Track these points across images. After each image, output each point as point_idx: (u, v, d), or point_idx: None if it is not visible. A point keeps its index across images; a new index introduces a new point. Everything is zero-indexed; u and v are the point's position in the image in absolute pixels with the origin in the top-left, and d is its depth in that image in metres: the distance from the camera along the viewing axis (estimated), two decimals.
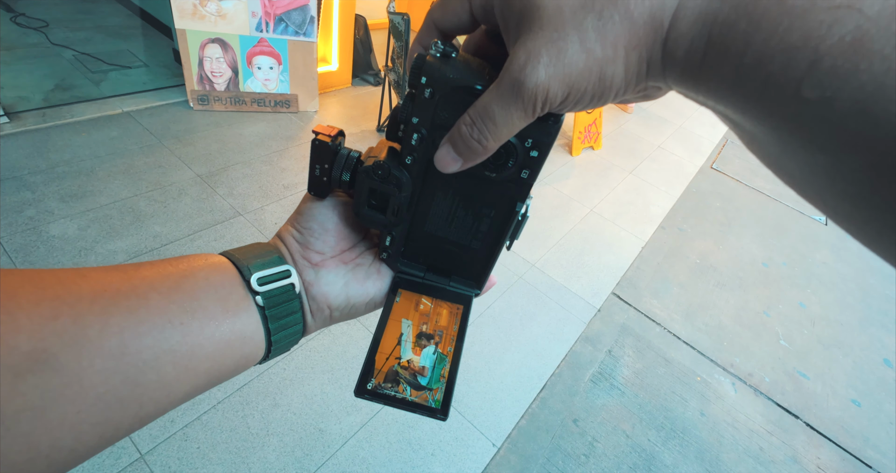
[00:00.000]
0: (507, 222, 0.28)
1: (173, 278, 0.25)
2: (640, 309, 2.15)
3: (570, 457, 1.51)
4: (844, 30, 0.13)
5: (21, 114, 2.23)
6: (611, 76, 0.19)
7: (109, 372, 0.20)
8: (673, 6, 0.17)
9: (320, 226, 0.31)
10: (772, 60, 0.15)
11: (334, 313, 0.31)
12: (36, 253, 1.64)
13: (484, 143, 0.22)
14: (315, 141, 0.28)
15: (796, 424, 1.83)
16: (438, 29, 0.24)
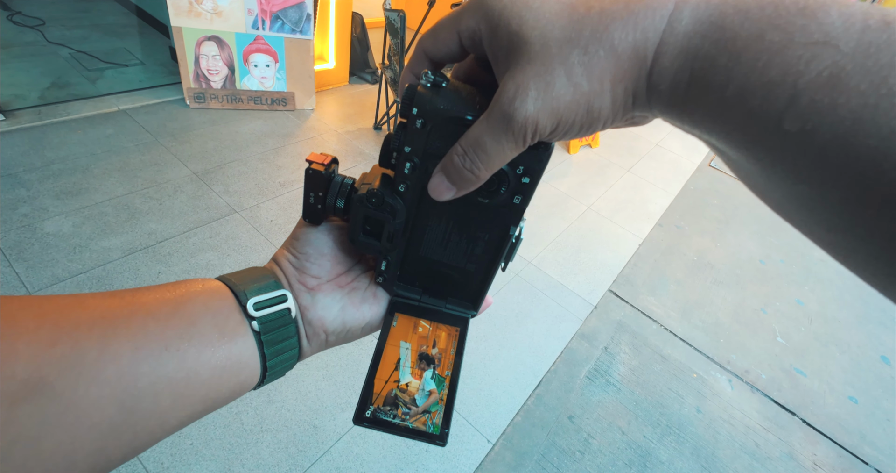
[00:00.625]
0: (502, 246, 0.29)
1: (171, 304, 0.25)
2: (637, 306, 2.15)
3: (566, 453, 1.50)
4: (822, 65, 0.14)
5: (17, 112, 2.23)
6: (598, 108, 0.19)
7: (106, 400, 0.20)
8: (655, 41, 0.17)
9: (316, 251, 0.31)
10: (753, 93, 0.15)
11: (330, 337, 0.31)
12: (30, 250, 1.64)
13: (476, 172, 0.22)
14: (309, 170, 0.28)
15: (793, 421, 1.83)
16: (429, 58, 0.24)
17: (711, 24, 0.16)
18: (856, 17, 0.14)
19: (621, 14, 0.18)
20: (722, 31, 0.16)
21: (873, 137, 0.13)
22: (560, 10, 0.19)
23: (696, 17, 0.17)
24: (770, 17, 0.15)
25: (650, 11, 0.17)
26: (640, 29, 0.17)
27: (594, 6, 0.18)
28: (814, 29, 0.14)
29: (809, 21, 0.14)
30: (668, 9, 0.17)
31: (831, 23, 0.14)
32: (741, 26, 0.16)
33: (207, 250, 1.82)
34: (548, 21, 0.19)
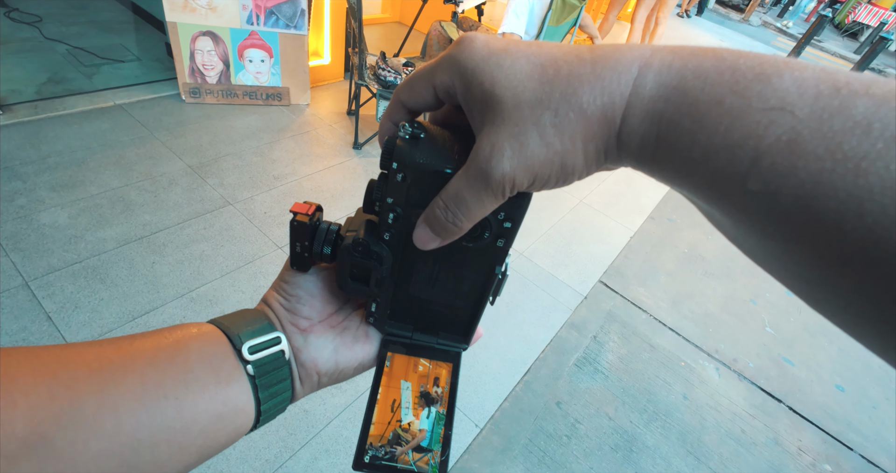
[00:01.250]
0: (488, 283, 0.29)
1: (167, 351, 0.25)
2: (627, 297, 2.17)
3: (553, 438, 1.53)
4: (780, 131, 0.15)
5: (14, 106, 2.25)
6: (571, 165, 0.20)
7: (104, 454, 0.20)
8: (622, 105, 0.18)
9: (306, 292, 0.32)
10: (717, 155, 0.16)
11: (322, 378, 0.31)
12: (26, 240, 1.67)
13: (459, 224, 0.23)
14: (293, 222, 0.29)
15: (779, 408, 1.85)
16: (406, 108, 0.25)
17: (674, 88, 0.17)
18: (808, 83, 0.15)
19: (589, 78, 0.18)
20: (684, 96, 0.17)
21: (832, 200, 0.14)
22: (530, 71, 0.19)
23: (659, 82, 0.17)
24: (728, 83, 0.16)
25: (616, 75, 0.18)
26: (608, 93, 0.18)
27: (562, 68, 0.19)
28: (769, 95, 0.15)
29: (765, 87, 0.15)
30: (632, 73, 0.18)
31: (786, 89, 0.15)
32: (702, 91, 0.16)
33: (201, 241, 1.84)
34: (519, 82, 0.19)
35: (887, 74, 9.39)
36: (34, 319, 1.44)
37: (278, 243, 1.93)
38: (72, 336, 1.42)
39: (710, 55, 0.17)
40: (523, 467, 1.43)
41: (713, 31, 8.53)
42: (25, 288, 1.52)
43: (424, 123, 0.25)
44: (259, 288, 1.73)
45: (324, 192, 2.28)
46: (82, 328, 1.46)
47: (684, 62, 0.17)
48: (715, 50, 0.17)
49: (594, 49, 0.19)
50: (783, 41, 9.99)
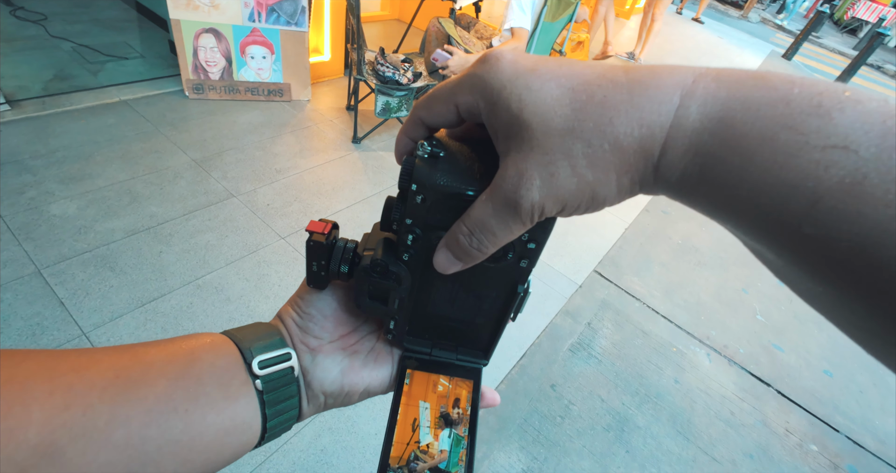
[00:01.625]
0: (510, 301, 0.29)
1: (180, 362, 0.25)
2: (621, 286, 2.23)
3: (547, 418, 1.59)
4: (842, 172, 0.13)
5: (21, 102, 2.31)
6: (603, 196, 0.19)
7: (112, 466, 0.20)
8: (662, 137, 0.17)
9: (320, 312, 0.31)
10: (768, 195, 0.15)
11: (328, 400, 0.31)
12: (38, 231, 1.72)
13: (483, 250, 0.23)
14: (310, 242, 0.28)
15: (768, 392, 1.91)
16: (425, 124, 0.24)
17: (720, 121, 0.16)
18: (874, 119, 0.13)
19: (625, 107, 0.17)
20: (731, 130, 0.15)
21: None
22: (561, 96, 0.18)
23: (703, 113, 0.16)
24: (782, 117, 0.15)
25: (655, 105, 0.17)
26: (646, 124, 0.17)
27: (596, 94, 0.18)
28: (830, 131, 0.14)
29: (824, 122, 0.14)
30: (673, 103, 0.17)
31: (848, 125, 0.14)
32: (751, 125, 0.15)
33: (206, 232, 1.90)
34: (549, 107, 0.18)
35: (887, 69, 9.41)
36: (47, 304, 1.50)
37: (281, 234, 1.98)
38: (84, 321, 1.48)
39: (759, 84, 0.16)
40: (518, 445, 1.49)
41: (712, 27, 8.56)
42: (38, 276, 1.58)
43: (443, 139, 0.24)
44: (263, 276, 1.78)
45: (325, 185, 2.33)
46: (93, 313, 1.51)
47: (731, 92, 0.16)
48: (764, 77, 0.16)
49: (629, 72, 0.18)
50: (782, 37, 10.02)
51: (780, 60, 7.81)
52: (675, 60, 5.83)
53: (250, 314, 1.64)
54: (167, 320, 1.56)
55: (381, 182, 2.46)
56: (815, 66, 8.17)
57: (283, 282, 1.79)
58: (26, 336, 1.41)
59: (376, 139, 2.79)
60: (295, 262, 1.88)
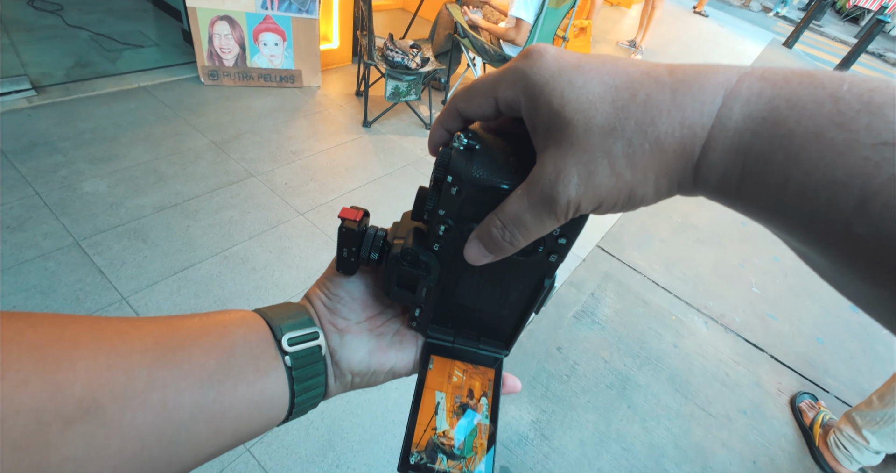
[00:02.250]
0: (536, 295, 0.29)
1: (214, 334, 0.26)
2: (623, 260, 2.33)
3: (553, 377, 1.70)
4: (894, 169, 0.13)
5: (46, 88, 2.40)
6: (641, 196, 0.19)
7: (148, 428, 0.21)
8: (703, 137, 0.17)
9: (348, 294, 0.32)
10: (816, 194, 0.14)
11: (355, 379, 0.32)
12: (73, 206, 1.83)
13: (515, 244, 0.23)
14: (342, 228, 0.29)
15: (762, 356, 2.02)
16: (462, 116, 0.24)
17: (764, 120, 0.16)
18: None
19: (668, 107, 0.17)
20: (776, 128, 0.15)
21: None
22: (603, 94, 0.18)
23: (746, 113, 0.16)
24: (830, 114, 0.14)
25: (698, 105, 0.17)
26: (688, 125, 0.17)
27: (639, 92, 0.18)
28: (881, 128, 0.14)
29: (875, 119, 0.14)
30: (716, 103, 0.17)
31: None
32: (797, 123, 0.15)
33: (229, 208, 2.01)
34: (591, 104, 0.18)
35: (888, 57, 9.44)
36: (88, 272, 1.61)
37: (300, 211, 2.09)
38: (122, 287, 1.59)
39: (806, 81, 0.16)
40: (528, 400, 1.60)
41: (715, 16, 8.58)
42: (77, 247, 1.69)
43: (480, 131, 0.24)
44: (285, 249, 1.89)
45: (338, 166, 2.43)
46: (130, 280, 1.62)
47: (776, 90, 0.16)
48: (812, 74, 0.16)
49: (674, 71, 0.18)
50: (784, 26, 10.03)
51: (781, 48, 7.85)
52: (677, 48, 5.88)
53: (275, 283, 1.75)
54: (199, 287, 1.67)
55: (391, 164, 2.56)
56: (816, 54, 8.21)
57: (304, 254, 1.89)
58: (71, 300, 1.52)
59: (386, 123, 2.88)
60: (314, 236, 1.98)
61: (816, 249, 0.16)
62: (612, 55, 0.20)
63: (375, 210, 2.22)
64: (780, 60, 6.88)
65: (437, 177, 0.24)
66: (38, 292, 1.51)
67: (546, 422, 1.55)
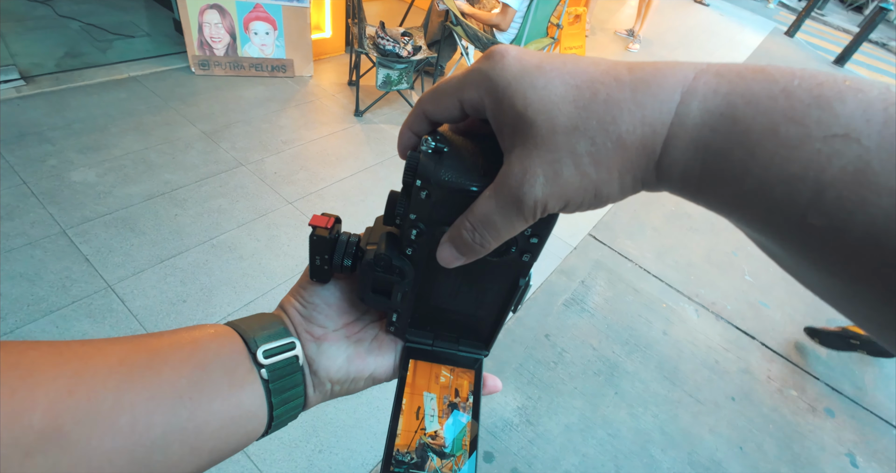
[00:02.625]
0: (511, 294, 0.29)
1: (185, 351, 0.25)
2: (615, 248, 2.33)
3: (541, 364, 1.70)
4: (845, 160, 0.13)
5: (36, 78, 2.40)
6: (606, 193, 0.19)
7: (118, 452, 0.21)
8: (664, 134, 0.17)
9: (323, 301, 0.32)
10: (772, 188, 0.15)
11: (335, 387, 0.31)
12: (61, 195, 1.83)
13: (486, 245, 0.23)
14: (313, 236, 0.29)
15: (752, 344, 2.02)
16: (429, 119, 0.24)
17: (721, 115, 0.16)
18: (875, 107, 0.14)
19: (628, 105, 0.18)
20: (733, 124, 0.16)
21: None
22: (565, 94, 0.19)
23: (704, 109, 0.16)
24: (783, 110, 0.15)
25: (657, 103, 0.17)
26: (648, 123, 0.17)
27: (600, 92, 0.18)
28: (831, 121, 0.14)
29: (825, 113, 0.14)
30: (675, 101, 0.17)
31: (849, 114, 0.14)
32: (753, 119, 0.15)
33: (218, 197, 2.00)
34: (553, 105, 0.19)
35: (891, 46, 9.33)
36: (74, 260, 1.61)
37: (289, 199, 2.08)
38: (108, 275, 1.59)
39: (759, 77, 0.16)
40: (514, 386, 1.60)
41: (715, 5, 8.49)
42: (64, 235, 1.69)
43: (447, 133, 0.24)
44: (273, 237, 1.89)
45: (329, 155, 2.42)
46: (117, 268, 1.62)
47: (732, 86, 0.16)
48: (765, 70, 0.16)
49: (633, 69, 0.19)
50: (785, 15, 9.92)
51: (783, 37, 7.77)
52: (675, 38, 5.83)
53: (262, 270, 1.75)
54: (185, 275, 1.67)
55: (383, 152, 2.54)
56: (818, 43, 8.12)
57: (293, 242, 1.89)
58: (57, 288, 1.52)
59: (378, 112, 2.87)
60: (303, 225, 1.98)
61: (775, 240, 0.16)
62: (573, 55, 0.21)
63: (367, 198, 2.22)
64: (781, 50, 6.81)
65: (406, 181, 0.24)
66: (24, 279, 1.51)
67: (532, 408, 1.56)
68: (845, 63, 6.82)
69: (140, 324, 1.49)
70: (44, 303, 1.47)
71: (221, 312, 1.58)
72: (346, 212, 2.11)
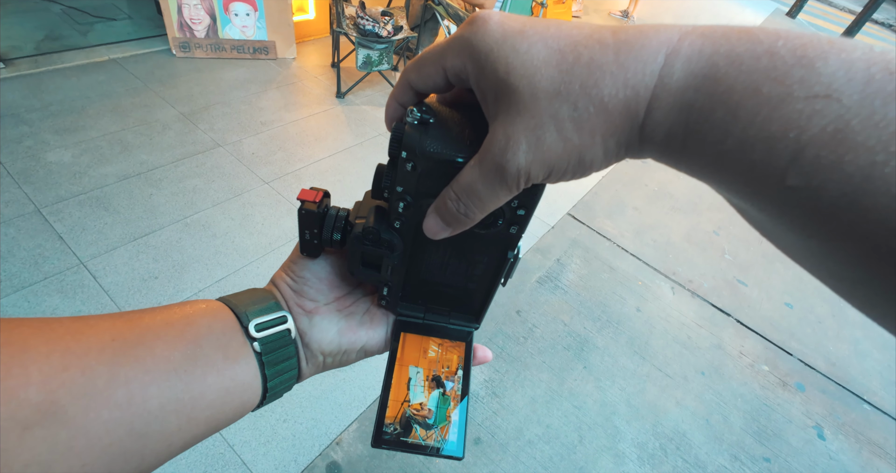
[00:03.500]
0: (501, 267, 0.30)
1: (177, 326, 0.26)
2: (593, 227, 2.33)
3: (510, 338, 1.72)
4: (825, 121, 0.13)
5: (15, 60, 2.40)
6: (590, 160, 0.19)
7: (115, 423, 0.21)
8: (647, 96, 0.17)
9: (314, 275, 0.32)
10: (753, 148, 0.15)
11: (327, 359, 0.32)
12: (36, 175, 1.84)
13: (471, 216, 0.23)
14: (301, 210, 0.29)
15: (727, 320, 2.02)
16: (414, 89, 0.24)
17: (704, 77, 0.16)
18: (857, 67, 0.14)
19: (611, 68, 0.17)
20: (716, 85, 0.16)
21: (884, 196, 0.13)
22: (548, 57, 0.18)
23: (688, 70, 0.16)
24: (766, 69, 0.15)
25: (640, 65, 0.17)
26: (631, 85, 0.17)
27: (583, 55, 0.18)
28: (813, 81, 0.14)
29: (808, 72, 0.14)
30: (658, 62, 0.17)
31: (831, 74, 0.14)
32: (735, 79, 0.15)
33: (194, 177, 2.01)
34: (536, 69, 0.18)
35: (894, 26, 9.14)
36: (47, 238, 1.63)
37: (265, 180, 2.09)
38: (81, 252, 1.61)
39: (744, 37, 0.16)
40: None
41: None
42: (38, 214, 1.71)
43: (433, 104, 0.24)
44: (247, 216, 1.90)
45: (308, 136, 2.42)
46: (90, 246, 1.64)
47: (716, 47, 0.16)
48: (750, 31, 0.16)
49: (617, 32, 0.18)
50: None
51: (784, 18, 7.63)
52: (672, 19, 5.73)
53: (235, 248, 1.77)
54: (158, 252, 1.68)
55: (363, 134, 2.54)
56: (820, 24, 7.97)
57: (267, 221, 1.90)
58: (29, 265, 1.54)
59: (360, 94, 2.85)
60: (278, 204, 1.99)
61: (755, 203, 0.16)
62: (556, 19, 0.20)
63: (343, 179, 2.22)
64: None
65: (392, 153, 0.24)
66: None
67: (498, 381, 1.58)
68: None
69: (111, 299, 1.51)
70: (15, 279, 1.49)
71: (192, 288, 1.60)
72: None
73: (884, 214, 0.13)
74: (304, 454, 1.29)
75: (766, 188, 0.15)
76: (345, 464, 1.29)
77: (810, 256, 0.17)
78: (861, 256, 0.14)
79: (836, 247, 0.14)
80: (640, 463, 1.46)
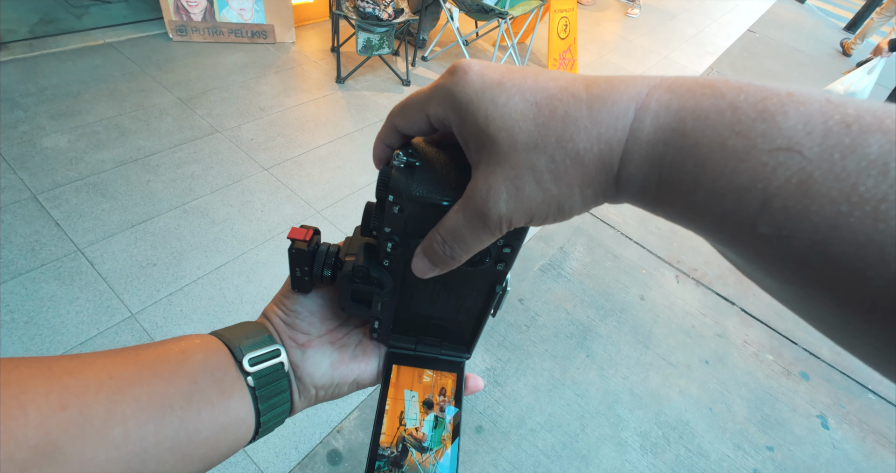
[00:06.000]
0: (490, 300, 0.30)
1: (173, 362, 0.26)
2: (596, 215, 2.30)
3: (513, 327, 1.70)
4: (789, 172, 0.14)
5: (9, 44, 2.35)
6: (569, 207, 0.20)
7: (112, 463, 0.21)
8: (620, 150, 0.18)
9: (306, 309, 0.33)
10: (724, 198, 0.15)
11: (319, 392, 0.32)
12: (32, 161, 1.82)
13: (457, 257, 0.23)
14: (292, 249, 0.29)
15: (731, 309, 2.00)
16: (399, 132, 0.25)
17: (673, 131, 0.17)
18: (815, 120, 0.14)
19: (584, 122, 0.18)
20: (684, 139, 0.16)
21: (851, 245, 0.13)
22: (525, 110, 0.19)
23: (657, 125, 0.17)
24: (729, 123, 0.15)
25: (612, 120, 0.18)
26: (604, 140, 0.18)
27: (558, 109, 0.19)
28: (775, 134, 0.14)
29: (769, 126, 0.15)
30: (629, 118, 0.18)
31: (791, 127, 0.14)
32: (702, 133, 0.16)
33: (192, 163, 1.98)
34: (514, 122, 0.19)
35: None
36: (44, 224, 1.61)
37: (264, 166, 2.06)
38: (78, 239, 1.59)
39: (708, 92, 0.17)
40: (483, 348, 1.61)
41: None
42: (34, 200, 1.68)
43: (419, 145, 0.25)
44: (246, 202, 1.87)
45: (307, 121, 2.38)
46: (87, 232, 1.62)
47: (682, 102, 0.17)
48: (713, 84, 0.17)
49: (590, 86, 0.19)
50: None
51: (793, 2, 7.47)
52: (678, 3, 5.61)
53: (234, 235, 1.74)
54: (156, 239, 1.66)
55: (363, 119, 2.50)
56: (829, 9, 7.81)
57: (266, 208, 1.88)
58: (26, 251, 1.52)
59: (360, 79, 2.80)
60: (278, 190, 1.96)
61: (731, 248, 0.17)
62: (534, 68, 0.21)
63: (343, 165, 2.19)
64: (790, 16, 6.56)
65: (379, 196, 0.25)
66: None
67: (500, 369, 1.56)
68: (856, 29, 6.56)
69: (109, 286, 1.49)
70: (12, 266, 1.48)
71: (191, 275, 1.58)
72: (322, 178, 2.08)
73: (852, 262, 0.13)
74: (305, 441, 1.29)
75: (739, 236, 0.15)
76: (346, 452, 1.28)
77: (789, 299, 0.17)
78: (835, 302, 0.14)
79: (812, 293, 0.15)
80: (642, 452, 1.45)
